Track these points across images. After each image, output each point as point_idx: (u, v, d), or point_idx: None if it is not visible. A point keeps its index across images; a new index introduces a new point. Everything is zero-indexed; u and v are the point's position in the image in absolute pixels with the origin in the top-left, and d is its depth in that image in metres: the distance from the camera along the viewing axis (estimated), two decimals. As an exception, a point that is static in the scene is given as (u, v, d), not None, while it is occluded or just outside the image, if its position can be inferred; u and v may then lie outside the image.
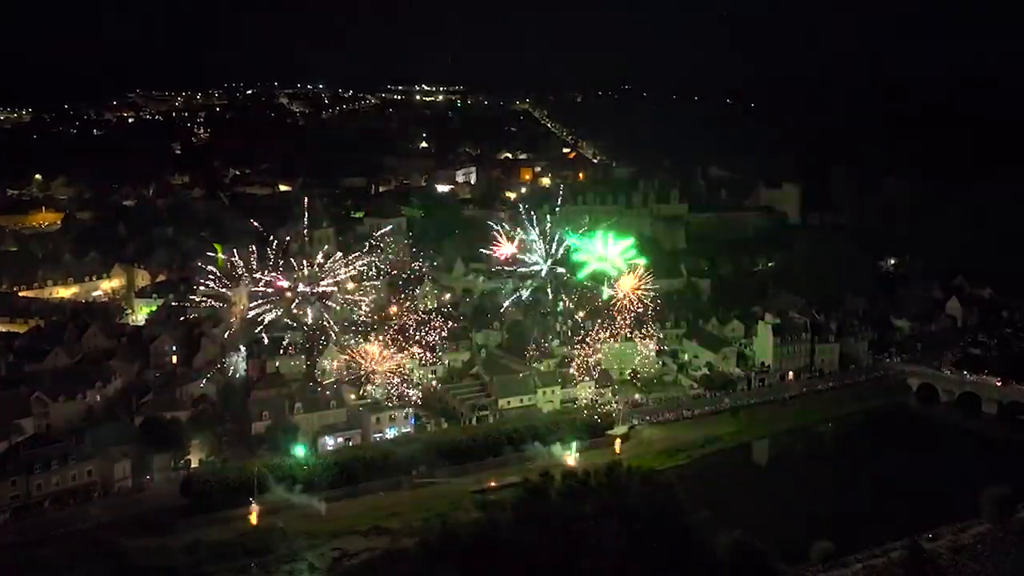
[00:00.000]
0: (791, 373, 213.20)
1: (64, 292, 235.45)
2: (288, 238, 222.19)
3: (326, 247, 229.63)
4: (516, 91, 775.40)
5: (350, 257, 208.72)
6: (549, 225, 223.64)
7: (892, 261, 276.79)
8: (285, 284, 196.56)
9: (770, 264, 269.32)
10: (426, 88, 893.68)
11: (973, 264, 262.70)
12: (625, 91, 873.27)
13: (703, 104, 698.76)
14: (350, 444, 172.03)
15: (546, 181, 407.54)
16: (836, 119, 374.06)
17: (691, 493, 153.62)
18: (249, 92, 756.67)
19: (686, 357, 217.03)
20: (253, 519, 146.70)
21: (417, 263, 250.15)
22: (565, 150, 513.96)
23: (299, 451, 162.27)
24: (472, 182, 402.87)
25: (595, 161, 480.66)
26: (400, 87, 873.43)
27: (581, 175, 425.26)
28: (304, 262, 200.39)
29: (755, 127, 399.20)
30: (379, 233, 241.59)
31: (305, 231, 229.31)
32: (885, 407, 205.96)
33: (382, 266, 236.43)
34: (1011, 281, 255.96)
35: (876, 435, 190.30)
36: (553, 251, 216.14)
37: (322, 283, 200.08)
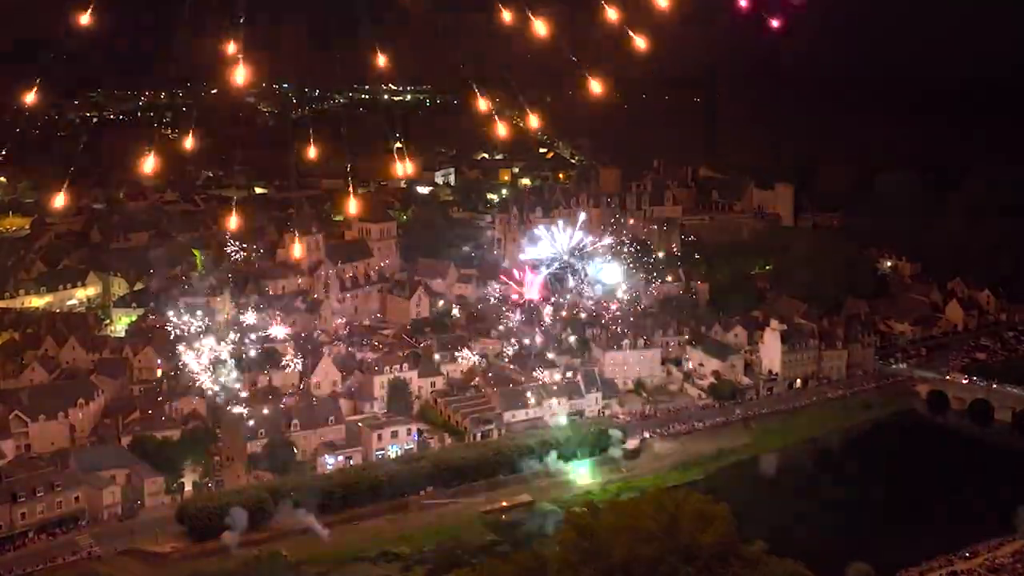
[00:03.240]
0: (799, 380, 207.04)
1: (38, 301, 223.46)
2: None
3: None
4: (483, 90, 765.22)
5: None
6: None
7: (888, 263, 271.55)
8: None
9: (767, 267, 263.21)
10: (393, 88, 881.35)
11: (969, 267, 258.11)
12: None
13: (677, 102, 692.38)
14: (350, 462, 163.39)
15: (526, 181, 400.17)
16: (826, 114, 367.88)
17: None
18: (214, 92, 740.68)
19: (690, 365, 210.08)
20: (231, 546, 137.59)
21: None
22: (542, 150, 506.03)
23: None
24: (452, 183, 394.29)
25: (573, 161, 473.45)
26: (367, 86, 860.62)
27: (562, 175, 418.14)
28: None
29: (742, 125, 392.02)
30: None
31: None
32: (896, 415, 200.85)
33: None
34: (1008, 285, 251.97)
35: (891, 446, 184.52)
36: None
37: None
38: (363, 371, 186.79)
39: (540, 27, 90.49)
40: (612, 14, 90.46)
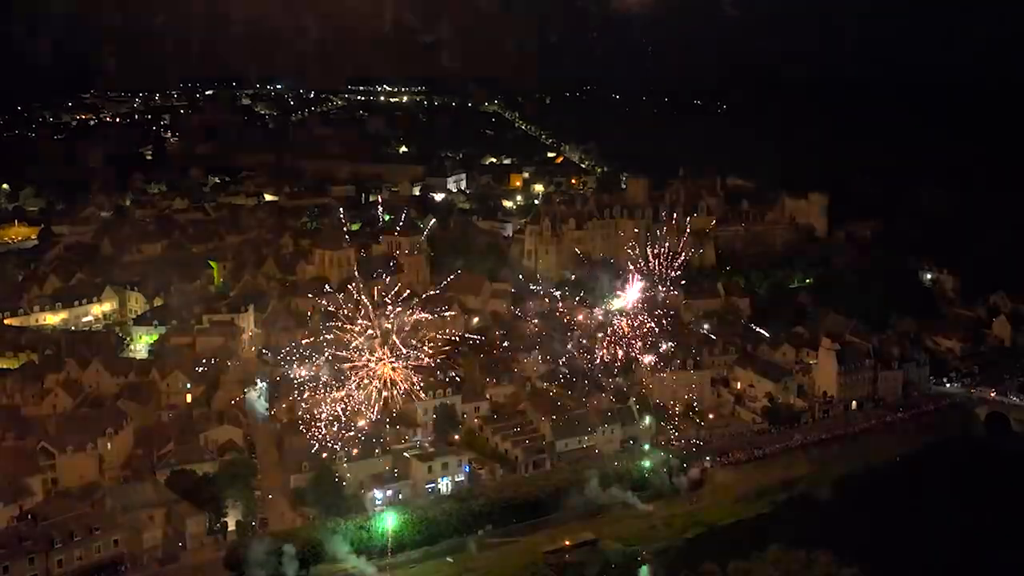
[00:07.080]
0: (854, 403, 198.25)
1: (52, 319, 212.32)
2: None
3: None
4: (478, 92, 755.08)
5: None
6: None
7: (929, 276, 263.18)
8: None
9: (807, 281, 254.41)
10: (388, 89, 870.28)
11: (1011, 279, 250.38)
12: (590, 92, 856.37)
13: (677, 106, 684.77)
14: (399, 496, 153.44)
15: (540, 187, 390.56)
16: (854, 122, 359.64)
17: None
18: (209, 93, 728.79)
19: (738, 386, 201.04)
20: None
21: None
22: (550, 154, 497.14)
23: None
24: (464, 188, 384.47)
25: (583, 166, 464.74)
26: (361, 87, 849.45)
27: (574, 180, 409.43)
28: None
29: (759, 133, 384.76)
30: None
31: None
32: (957, 440, 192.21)
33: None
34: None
35: (958, 473, 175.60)
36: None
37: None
38: (405, 396, 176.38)
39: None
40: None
